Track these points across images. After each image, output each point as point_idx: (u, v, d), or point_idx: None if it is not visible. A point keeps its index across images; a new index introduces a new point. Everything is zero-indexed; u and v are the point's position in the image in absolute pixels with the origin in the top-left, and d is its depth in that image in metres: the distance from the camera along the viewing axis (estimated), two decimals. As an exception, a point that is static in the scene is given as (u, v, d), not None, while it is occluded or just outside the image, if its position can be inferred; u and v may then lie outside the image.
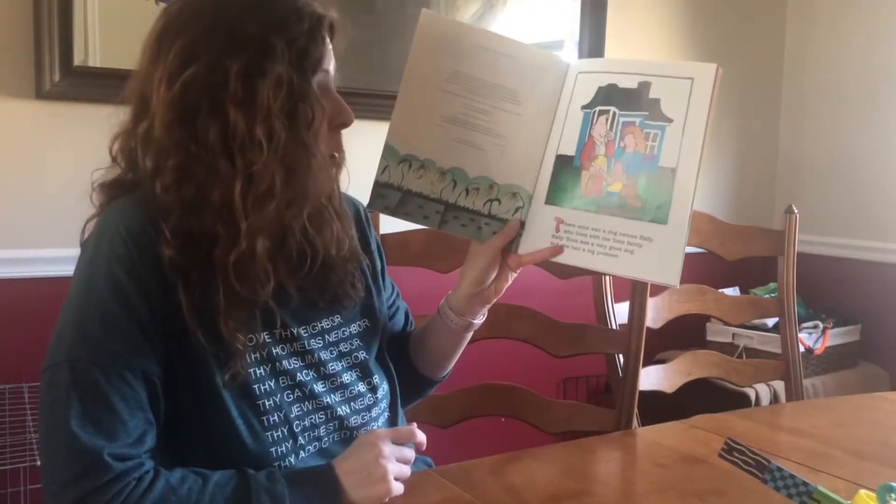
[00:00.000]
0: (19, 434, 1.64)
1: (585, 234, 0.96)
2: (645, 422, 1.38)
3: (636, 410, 1.39)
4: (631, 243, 0.93)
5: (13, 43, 1.77)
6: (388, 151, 0.99)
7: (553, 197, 0.99)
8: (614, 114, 0.96)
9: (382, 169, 0.99)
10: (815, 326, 2.57)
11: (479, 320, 1.10)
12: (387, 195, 0.99)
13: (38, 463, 0.89)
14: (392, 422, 1.07)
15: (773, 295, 1.86)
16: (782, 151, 3.06)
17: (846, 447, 1.16)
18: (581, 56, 2.53)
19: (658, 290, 1.53)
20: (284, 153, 0.84)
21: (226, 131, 0.84)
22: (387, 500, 0.88)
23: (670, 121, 0.93)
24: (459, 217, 1.00)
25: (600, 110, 0.97)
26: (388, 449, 0.90)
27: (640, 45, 2.70)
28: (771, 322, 2.47)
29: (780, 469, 0.76)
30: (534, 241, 1.00)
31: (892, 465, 1.10)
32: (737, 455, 0.79)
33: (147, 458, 0.82)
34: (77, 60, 1.81)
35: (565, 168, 0.99)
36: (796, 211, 1.64)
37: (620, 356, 1.42)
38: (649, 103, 0.94)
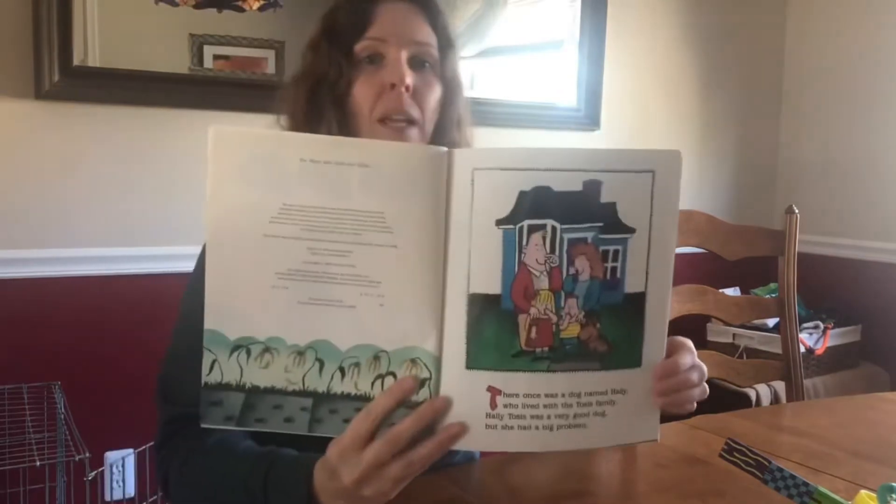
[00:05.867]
0: (19, 434, 1.64)
1: (537, 404, 0.72)
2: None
3: (636, 411, 1.38)
4: (601, 403, 0.73)
5: (13, 43, 1.77)
6: (212, 340, 0.72)
7: (478, 358, 0.71)
8: (554, 229, 0.70)
9: (209, 366, 0.72)
10: (816, 327, 2.57)
11: None
12: (224, 401, 0.73)
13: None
14: None
15: (773, 295, 1.86)
16: (783, 151, 3.06)
17: (847, 447, 1.16)
18: (581, 56, 2.52)
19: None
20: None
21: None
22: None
23: (632, 231, 0.71)
24: (339, 410, 0.73)
25: (531, 226, 0.70)
26: (359, 473, 0.72)
27: (639, 46, 2.70)
28: (771, 322, 2.46)
29: (780, 469, 0.76)
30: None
31: (893, 465, 1.10)
32: (737, 455, 0.79)
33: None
34: (76, 60, 1.81)
35: (489, 314, 0.71)
36: (797, 211, 1.64)
37: (620, 356, 1.42)
38: (603, 210, 0.70)
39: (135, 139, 1.92)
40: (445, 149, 0.71)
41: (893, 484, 0.72)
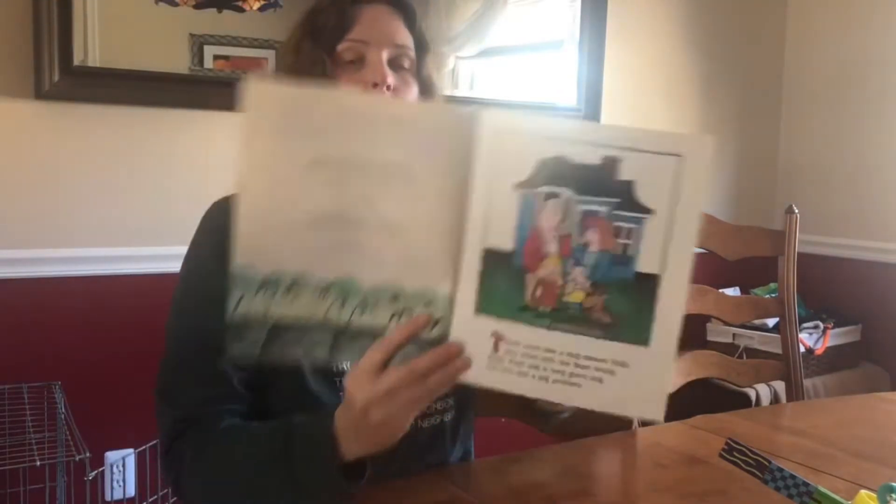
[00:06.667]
0: (19, 434, 1.64)
1: (536, 355, 0.75)
2: (645, 422, 1.38)
3: (636, 411, 1.38)
4: (599, 369, 0.75)
5: (13, 43, 1.77)
6: (240, 276, 0.76)
7: (486, 305, 0.76)
8: (568, 199, 0.73)
9: (236, 302, 0.76)
10: (816, 326, 2.57)
11: None
12: (248, 335, 0.77)
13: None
14: (457, 420, 1.09)
15: (773, 295, 1.86)
16: (783, 151, 3.06)
17: (847, 447, 1.16)
18: (581, 57, 2.52)
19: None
20: None
21: None
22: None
23: (650, 212, 0.72)
24: (358, 341, 0.78)
25: (548, 193, 0.73)
26: (372, 395, 0.76)
27: (639, 46, 2.70)
28: (771, 322, 2.47)
29: (780, 469, 0.76)
30: None
31: (893, 465, 1.10)
32: (737, 455, 0.79)
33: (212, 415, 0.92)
34: (76, 60, 1.81)
35: (501, 268, 0.75)
36: (797, 211, 1.64)
37: (620, 356, 1.42)
38: (619, 187, 0.72)
39: (135, 139, 1.92)
40: (475, 109, 0.74)
41: (893, 484, 0.72)
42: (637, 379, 0.74)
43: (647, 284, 0.72)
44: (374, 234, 0.76)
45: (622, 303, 0.73)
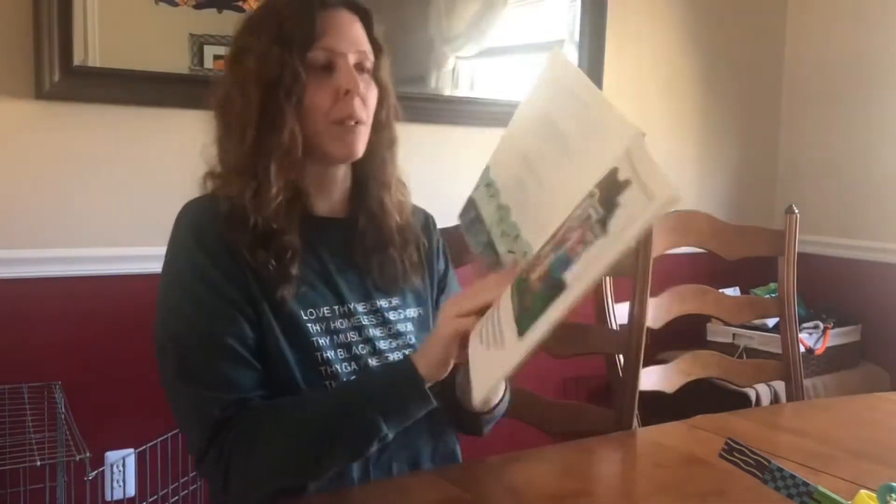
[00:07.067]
0: (19, 434, 1.64)
1: (493, 314, 0.84)
2: (645, 422, 1.38)
3: (636, 411, 1.39)
4: (496, 338, 0.81)
5: (13, 43, 1.77)
6: (485, 170, 0.97)
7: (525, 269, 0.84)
8: (592, 202, 0.76)
9: (476, 185, 0.97)
10: (816, 326, 2.57)
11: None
12: (468, 212, 0.98)
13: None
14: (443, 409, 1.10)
15: (773, 295, 1.86)
16: (783, 151, 3.06)
17: (847, 447, 1.16)
18: (581, 56, 2.53)
19: (658, 289, 1.53)
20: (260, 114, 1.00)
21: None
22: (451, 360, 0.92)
23: (605, 234, 0.71)
24: (486, 255, 0.93)
25: (591, 191, 0.76)
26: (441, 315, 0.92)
27: (640, 46, 2.70)
28: (771, 322, 2.46)
29: (780, 469, 0.76)
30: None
31: (893, 465, 1.10)
32: (737, 455, 0.79)
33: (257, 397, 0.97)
34: (77, 60, 1.81)
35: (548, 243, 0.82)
36: (797, 211, 1.64)
37: (620, 356, 1.42)
38: (612, 206, 0.72)
39: (135, 139, 1.92)
40: (635, 129, 0.75)
41: (893, 484, 0.72)
42: (496, 361, 0.80)
43: (557, 289, 0.74)
44: (533, 181, 0.87)
45: (540, 298, 0.76)
